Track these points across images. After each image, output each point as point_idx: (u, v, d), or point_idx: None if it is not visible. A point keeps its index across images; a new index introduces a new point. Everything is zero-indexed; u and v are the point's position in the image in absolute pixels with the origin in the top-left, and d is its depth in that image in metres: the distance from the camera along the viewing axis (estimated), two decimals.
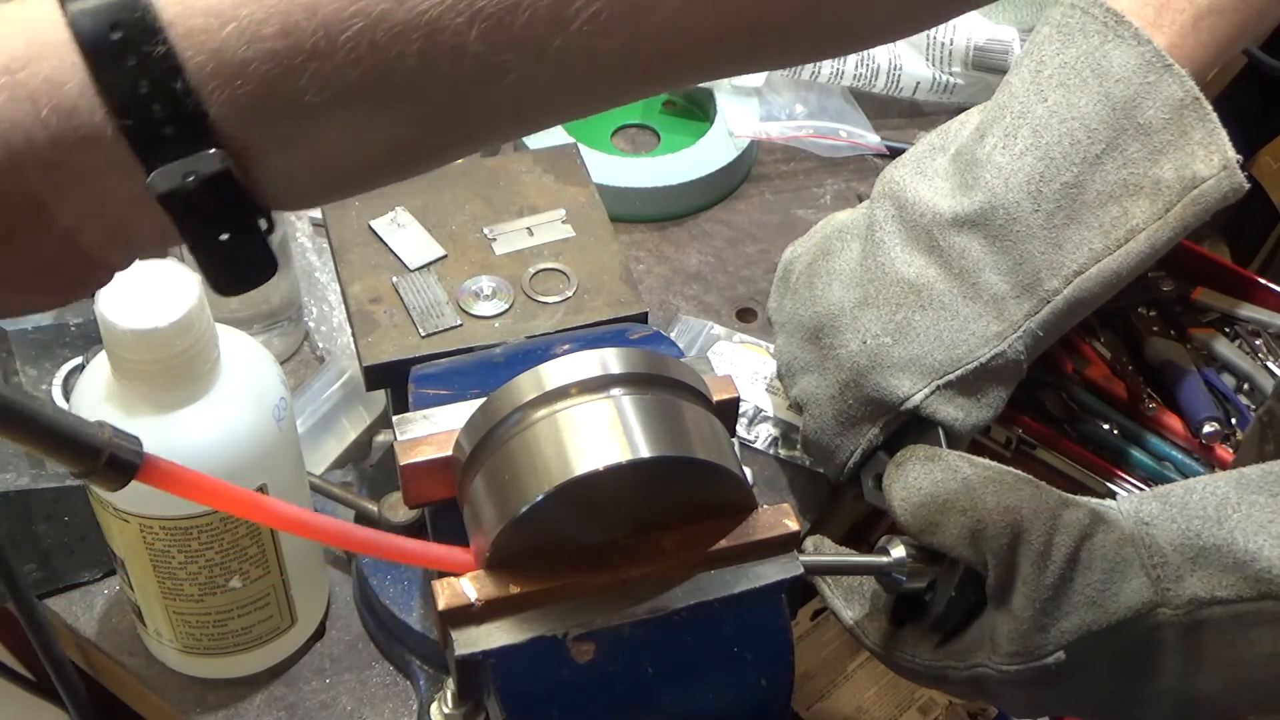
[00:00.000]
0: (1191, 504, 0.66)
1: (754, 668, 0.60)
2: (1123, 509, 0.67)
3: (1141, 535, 0.66)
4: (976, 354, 0.77)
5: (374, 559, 0.79)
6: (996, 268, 0.78)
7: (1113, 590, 0.65)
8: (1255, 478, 0.66)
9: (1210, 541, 0.64)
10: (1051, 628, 0.65)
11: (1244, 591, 0.64)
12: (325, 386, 0.89)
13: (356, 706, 0.78)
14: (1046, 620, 0.65)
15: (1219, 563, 0.64)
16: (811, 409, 0.81)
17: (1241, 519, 0.65)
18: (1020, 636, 0.66)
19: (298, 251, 0.94)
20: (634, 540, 0.59)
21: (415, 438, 0.63)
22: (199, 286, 0.64)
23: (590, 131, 1.12)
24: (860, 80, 1.10)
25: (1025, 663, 0.66)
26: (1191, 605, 0.64)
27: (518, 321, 0.74)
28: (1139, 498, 0.68)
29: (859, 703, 0.91)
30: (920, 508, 0.68)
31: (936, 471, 0.69)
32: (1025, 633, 0.66)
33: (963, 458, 0.70)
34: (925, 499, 0.68)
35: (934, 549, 0.68)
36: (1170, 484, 0.69)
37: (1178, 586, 0.64)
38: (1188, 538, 0.65)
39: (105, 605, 0.82)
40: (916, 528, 0.68)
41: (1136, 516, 0.67)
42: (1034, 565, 0.65)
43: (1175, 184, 0.79)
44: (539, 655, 0.57)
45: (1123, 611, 0.64)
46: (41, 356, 0.83)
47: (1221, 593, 0.64)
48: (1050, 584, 0.65)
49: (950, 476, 0.68)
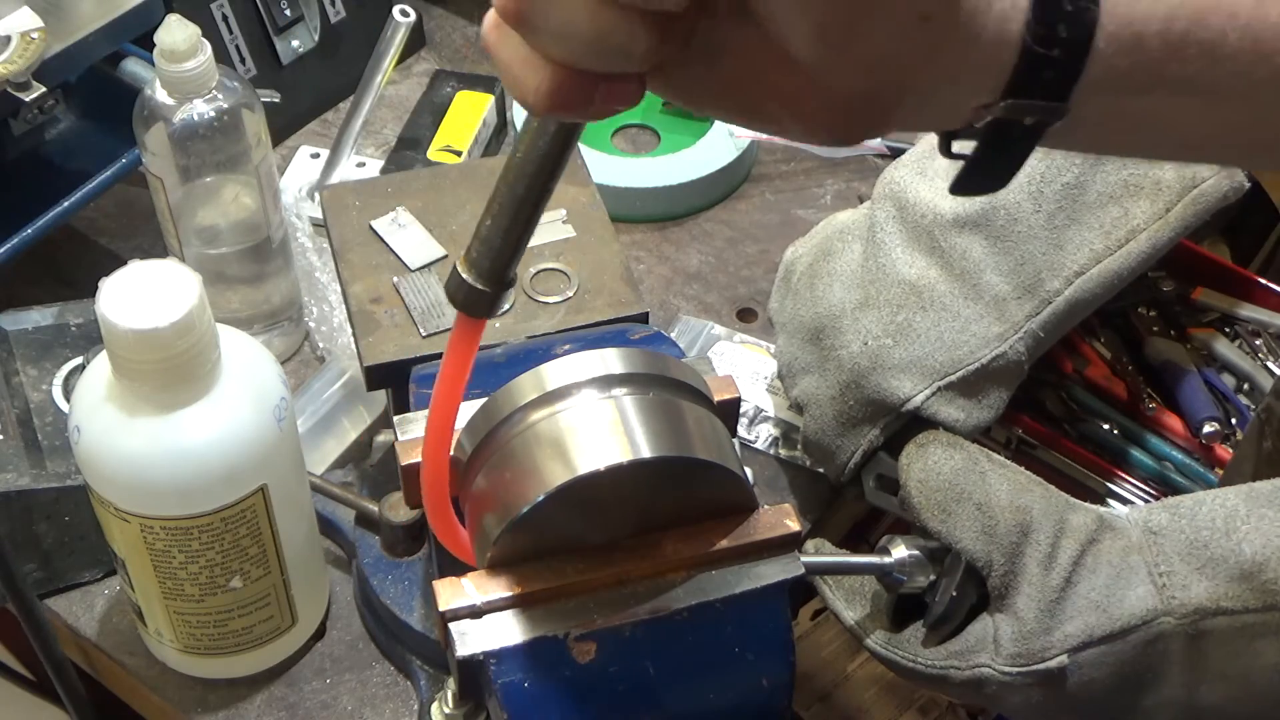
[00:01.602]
0: (1200, 515, 0.66)
1: (754, 668, 0.60)
2: (1131, 517, 0.67)
3: (1149, 543, 0.66)
4: (977, 355, 0.77)
5: (374, 559, 0.79)
6: (998, 268, 0.78)
7: (1118, 596, 0.65)
8: (1266, 492, 0.66)
9: (1218, 552, 0.64)
10: (1055, 630, 0.65)
11: (1250, 602, 0.63)
12: (326, 386, 0.89)
13: (357, 706, 0.78)
14: (1050, 623, 0.65)
15: (1225, 573, 0.64)
16: (812, 410, 0.81)
17: (1250, 530, 0.64)
18: (1023, 638, 0.66)
19: (298, 251, 0.94)
20: (635, 540, 0.59)
21: (416, 438, 0.63)
22: (199, 286, 0.64)
23: (590, 131, 1.12)
24: None
25: (1027, 665, 0.66)
26: (1196, 615, 0.64)
27: (518, 321, 0.74)
28: (1148, 507, 0.68)
29: (859, 703, 0.91)
30: (935, 492, 0.68)
31: (958, 458, 0.69)
32: (1028, 634, 0.66)
33: (983, 451, 0.70)
34: (942, 484, 0.68)
35: (940, 537, 0.68)
36: (1180, 495, 0.69)
37: (1183, 595, 0.64)
38: (1195, 548, 0.65)
39: (105, 605, 0.82)
40: (928, 511, 0.68)
41: (1145, 525, 0.67)
42: (1040, 566, 0.65)
43: (1175, 184, 0.79)
44: (540, 655, 0.57)
45: (1127, 618, 0.64)
46: (42, 356, 0.83)
47: (1227, 603, 0.64)
48: (1055, 585, 0.65)
49: (970, 467, 0.68)
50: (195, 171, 0.86)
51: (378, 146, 1.10)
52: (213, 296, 0.71)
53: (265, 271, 0.91)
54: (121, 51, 0.92)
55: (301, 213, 0.97)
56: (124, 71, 0.92)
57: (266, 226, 0.89)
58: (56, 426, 0.80)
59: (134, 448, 0.66)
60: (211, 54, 0.82)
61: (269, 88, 0.97)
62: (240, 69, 1.05)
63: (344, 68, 1.10)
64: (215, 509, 0.68)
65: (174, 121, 0.83)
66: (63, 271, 1.00)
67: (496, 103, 1.10)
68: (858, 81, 0.44)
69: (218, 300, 0.89)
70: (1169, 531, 0.66)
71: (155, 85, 0.83)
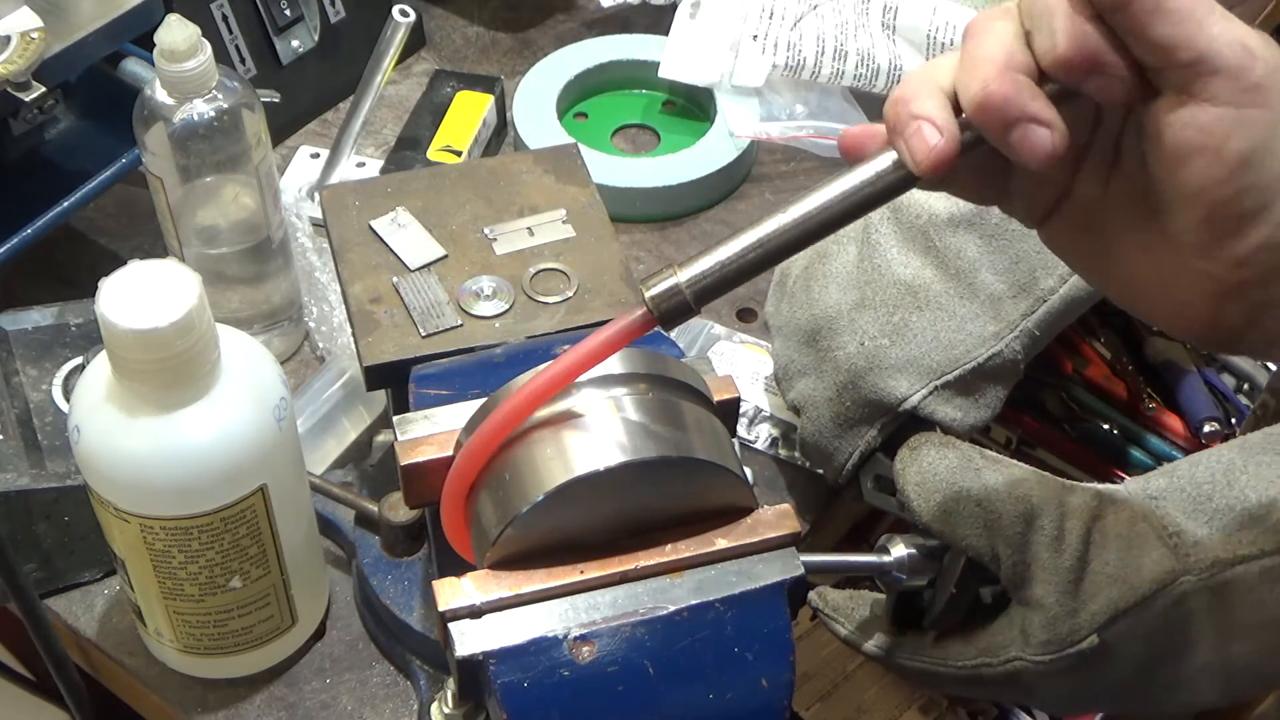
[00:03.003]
0: (1198, 473, 0.66)
1: (754, 668, 0.60)
2: (1129, 488, 0.67)
3: (1152, 509, 0.65)
4: (974, 354, 0.77)
5: (374, 559, 0.79)
6: (992, 267, 0.78)
7: (1134, 565, 0.64)
8: (1258, 440, 0.66)
9: (1222, 503, 0.64)
10: (1081, 611, 0.65)
11: (1265, 545, 0.63)
12: (325, 386, 0.89)
13: (357, 706, 0.78)
14: (1074, 605, 0.65)
15: (1235, 521, 0.63)
16: (809, 412, 0.81)
17: (1250, 478, 0.64)
18: (1050, 624, 0.66)
19: (298, 251, 0.94)
20: (635, 540, 0.59)
21: (416, 438, 0.63)
22: (199, 286, 0.64)
23: (590, 131, 1.12)
24: (861, 80, 1.10)
25: (1059, 650, 0.66)
26: (1215, 567, 0.64)
27: (518, 321, 0.74)
28: (1144, 476, 0.68)
29: (859, 703, 0.91)
30: (934, 493, 0.68)
31: (952, 457, 0.69)
32: (1054, 620, 0.65)
33: (974, 448, 0.69)
34: (940, 484, 0.68)
35: (943, 538, 0.68)
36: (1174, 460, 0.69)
37: (1197, 551, 0.64)
38: (1199, 503, 0.65)
39: (105, 605, 0.82)
40: (929, 515, 0.68)
41: (1144, 492, 0.66)
42: (1049, 550, 0.65)
43: None
44: (539, 655, 0.57)
45: (1147, 584, 0.64)
46: (41, 356, 0.83)
47: (1243, 550, 0.63)
48: (1069, 567, 0.65)
49: (965, 465, 0.68)
50: (195, 171, 0.86)
51: (377, 146, 1.10)
52: (213, 296, 0.71)
53: (265, 271, 0.91)
54: (121, 51, 0.92)
55: (301, 213, 0.97)
56: (124, 71, 0.92)
57: (266, 226, 0.89)
58: (56, 426, 0.80)
59: (134, 448, 0.66)
60: (211, 54, 0.82)
61: (269, 88, 0.97)
62: (240, 69, 1.05)
63: (344, 68, 1.10)
64: (215, 509, 0.68)
65: (174, 121, 0.83)
66: (63, 271, 1.00)
67: (496, 103, 1.10)
68: (1230, 274, 0.48)
69: (218, 300, 0.89)
70: (1169, 493, 0.66)
71: (155, 85, 0.83)
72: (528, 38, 1.21)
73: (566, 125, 1.10)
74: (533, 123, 1.08)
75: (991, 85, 0.47)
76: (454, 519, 0.60)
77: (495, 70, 1.18)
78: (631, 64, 1.14)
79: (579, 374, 0.56)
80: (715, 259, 0.53)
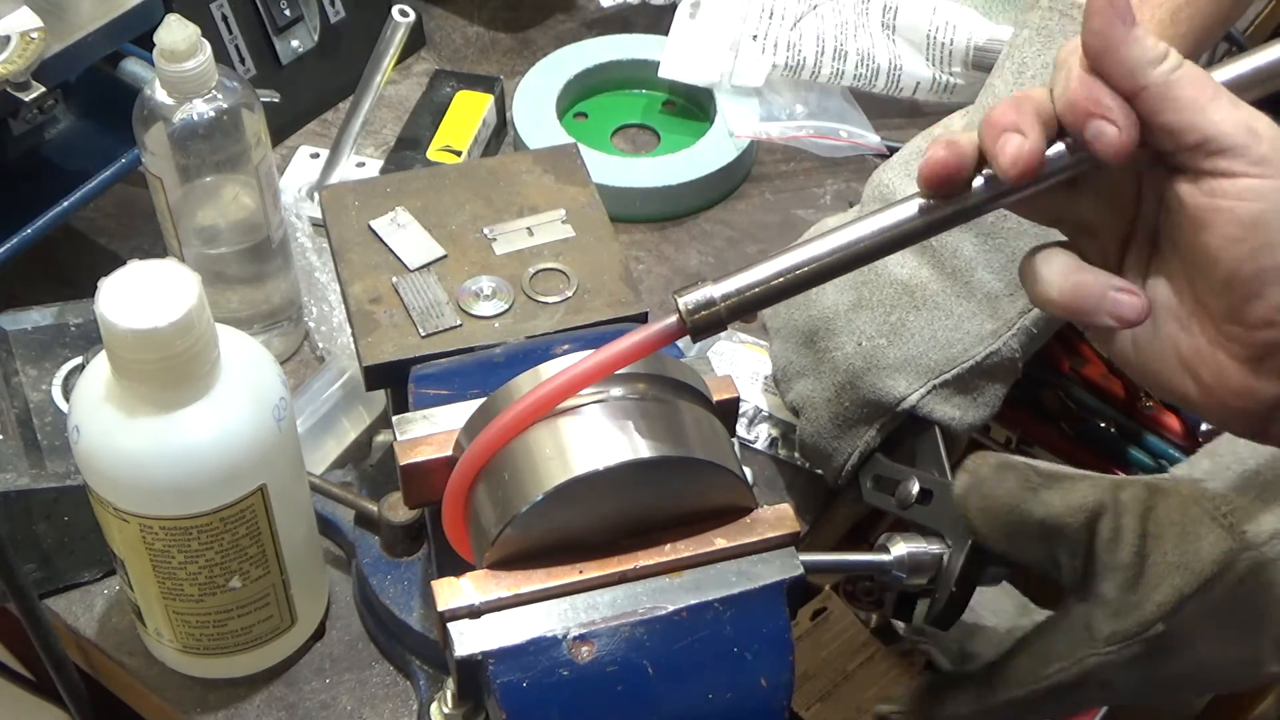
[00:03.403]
0: (1240, 450, 0.67)
1: (754, 668, 0.60)
2: (1176, 474, 0.68)
3: (1201, 492, 0.66)
4: (971, 353, 0.78)
5: (373, 559, 0.79)
6: (989, 266, 0.78)
7: (1192, 550, 0.65)
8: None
9: (1271, 475, 0.65)
10: (1145, 604, 0.65)
11: None
12: (325, 386, 0.89)
13: (356, 706, 0.78)
14: (1136, 597, 0.65)
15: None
16: (808, 413, 0.81)
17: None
18: (1114, 616, 0.66)
19: (298, 251, 0.94)
20: (634, 540, 0.59)
21: (415, 438, 0.63)
22: (198, 286, 0.64)
23: (590, 131, 1.12)
24: (860, 80, 1.10)
25: (1127, 640, 0.66)
26: (1274, 538, 0.64)
27: (518, 322, 0.74)
28: (1187, 462, 0.69)
29: (859, 703, 0.91)
30: (997, 519, 0.68)
31: (1011, 481, 0.68)
32: (1118, 612, 0.66)
33: (1028, 464, 0.69)
34: (1002, 510, 0.67)
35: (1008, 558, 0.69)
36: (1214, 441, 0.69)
37: (1254, 527, 0.64)
38: (1246, 479, 0.65)
39: (105, 605, 0.82)
40: (993, 539, 0.68)
41: (1190, 477, 0.67)
42: (1107, 550, 0.66)
43: None
44: (538, 655, 0.57)
45: (1209, 566, 0.64)
46: (41, 356, 0.83)
47: None
48: (1127, 563, 0.65)
49: (1024, 486, 0.68)
50: (195, 171, 0.86)
51: (377, 146, 1.10)
52: (212, 296, 0.71)
53: (265, 271, 0.91)
54: (121, 51, 0.92)
55: (301, 213, 0.97)
56: (124, 71, 0.92)
57: (266, 226, 0.89)
58: (56, 426, 0.80)
59: (133, 448, 0.66)
60: (211, 54, 0.82)
61: (269, 88, 0.97)
62: (240, 69, 1.05)
63: (344, 68, 1.10)
64: (214, 509, 0.68)
65: (174, 121, 0.83)
66: (62, 271, 1.00)
67: (496, 103, 1.10)
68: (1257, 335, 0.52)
69: (217, 300, 0.89)
70: (1216, 473, 0.67)
71: (155, 85, 0.83)
72: (527, 38, 1.22)
73: (566, 125, 1.10)
74: (532, 123, 1.08)
75: (1074, 84, 0.53)
76: (455, 519, 0.60)
77: (495, 70, 1.18)
78: (631, 64, 1.14)
79: (606, 374, 0.57)
80: (754, 277, 0.54)
